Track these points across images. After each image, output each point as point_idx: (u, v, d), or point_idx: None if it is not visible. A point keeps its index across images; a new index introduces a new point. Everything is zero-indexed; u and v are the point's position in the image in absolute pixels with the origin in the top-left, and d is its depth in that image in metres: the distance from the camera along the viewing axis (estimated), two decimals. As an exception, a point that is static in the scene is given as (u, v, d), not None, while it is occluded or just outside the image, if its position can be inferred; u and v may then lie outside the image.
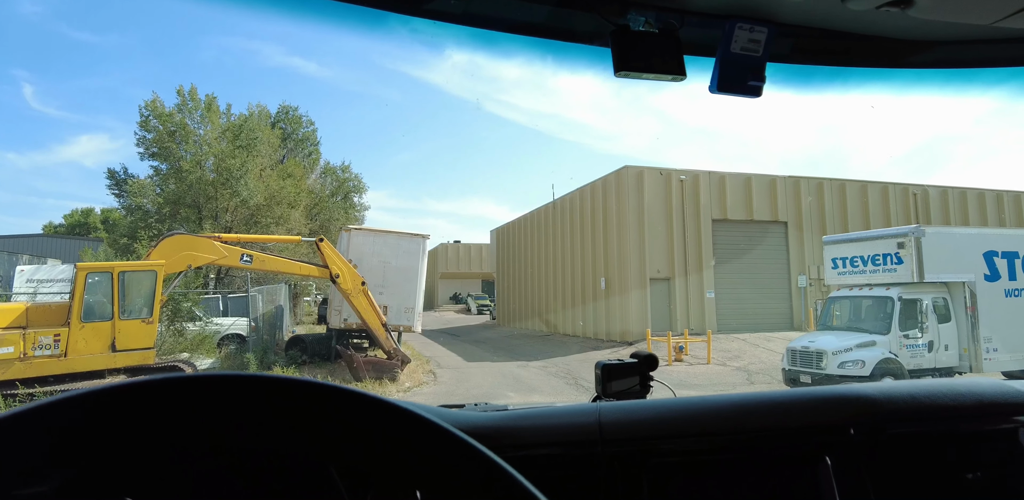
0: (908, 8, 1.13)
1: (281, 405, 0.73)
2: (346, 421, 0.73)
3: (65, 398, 0.68)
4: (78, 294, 11.76)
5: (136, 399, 0.70)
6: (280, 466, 0.74)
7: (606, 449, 1.14)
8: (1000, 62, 1.57)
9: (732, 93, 1.33)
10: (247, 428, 0.72)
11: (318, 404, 0.73)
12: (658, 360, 1.64)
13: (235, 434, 0.72)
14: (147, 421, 0.70)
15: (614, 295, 23.66)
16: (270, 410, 0.72)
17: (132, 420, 0.69)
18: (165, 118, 25.08)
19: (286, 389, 0.74)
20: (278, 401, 0.73)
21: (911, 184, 27.35)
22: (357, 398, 0.74)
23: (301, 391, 0.73)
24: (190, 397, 0.71)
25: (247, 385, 0.74)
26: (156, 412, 0.70)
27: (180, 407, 0.71)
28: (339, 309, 17.20)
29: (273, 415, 0.72)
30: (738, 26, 1.28)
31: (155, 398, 0.71)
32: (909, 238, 12.83)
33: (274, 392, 0.73)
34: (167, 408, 0.70)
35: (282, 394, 0.73)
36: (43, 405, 0.68)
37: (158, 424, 0.70)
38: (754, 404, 1.26)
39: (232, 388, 0.73)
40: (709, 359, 17.97)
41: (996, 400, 1.28)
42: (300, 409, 0.73)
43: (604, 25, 1.26)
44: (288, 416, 0.72)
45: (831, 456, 1.15)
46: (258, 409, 0.72)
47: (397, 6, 1.29)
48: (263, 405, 0.73)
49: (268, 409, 0.73)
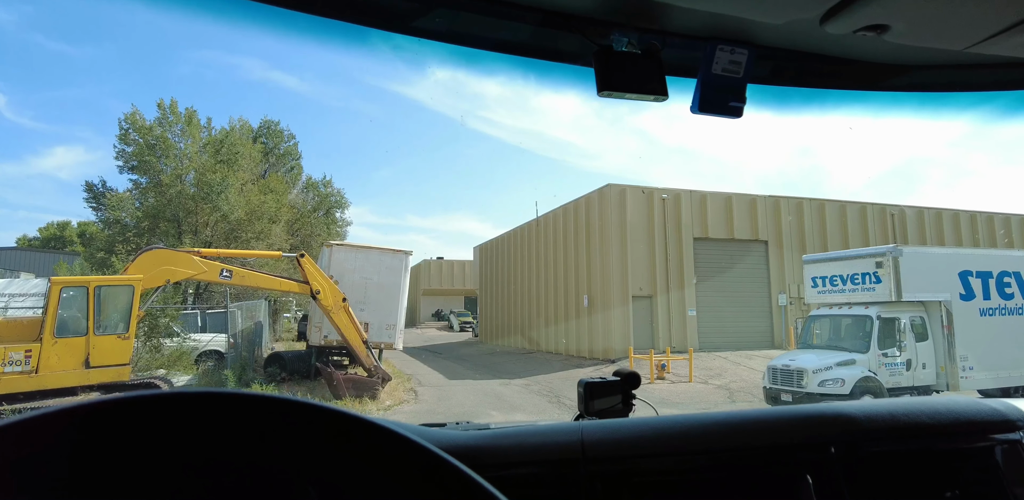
0: (884, 33, 1.16)
1: (260, 422, 0.71)
2: (324, 438, 0.71)
3: (39, 415, 0.66)
4: (51, 309, 11.52)
5: (114, 417, 0.68)
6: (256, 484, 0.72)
7: (588, 468, 1.13)
8: (972, 87, 1.61)
9: (713, 114, 1.35)
10: (224, 445, 0.70)
11: (297, 421, 0.72)
12: (640, 378, 1.64)
13: (213, 451, 0.70)
14: (126, 439, 0.68)
15: (597, 313, 23.68)
16: (249, 428, 0.71)
17: (109, 438, 0.67)
18: (145, 131, 24.92)
19: (264, 406, 0.72)
20: (256, 418, 0.71)
21: (888, 204, 27.83)
22: (336, 416, 0.73)
23: (280, 408, 0.72)
24: (168, 414, 0.70)
25: (225, 402, 0.72)
26: (136, 430, 0.68)
27: (157, 424, 0.69)
28: (319, 326, 17.01)
29: (252, 433, 0.71)
30: (719, 48, 1.30)
31: (134, 415, 0.69)
32: (887, 257, 13.02)
33: (251, 409, 0.72)
34: (146, 425, 0.69)
35: (260, 411, 0.72)
36: (14, 422, 0.66)
37: (138, 442, 0.68)
38: (736, 422, 1.26)
39: (210, 405, 0.71)
40: (691, 377, 17.99)
41: (973, 418, 1.30)
42: (279, 426, 0.71)
43: (587, 45, 1.27)
44: (267, 434, 0.71)
45: (812, 474, 1.15)
46: (236, 426, 0.71)
47: (383, 23, 1.30)
48: (241, 422, 0.71)
49: (246, 426, 0.71)
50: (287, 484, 0.72)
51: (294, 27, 1.32)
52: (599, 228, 24.15)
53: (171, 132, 25.54)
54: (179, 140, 25.64)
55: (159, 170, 24.80)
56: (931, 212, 28.26)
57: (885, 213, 27.43)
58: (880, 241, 24.85)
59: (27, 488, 0.65)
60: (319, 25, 1.29)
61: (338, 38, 1.33)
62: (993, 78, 1.57)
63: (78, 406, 0.68)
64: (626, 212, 23.42)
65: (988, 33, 1.13)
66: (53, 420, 0.67)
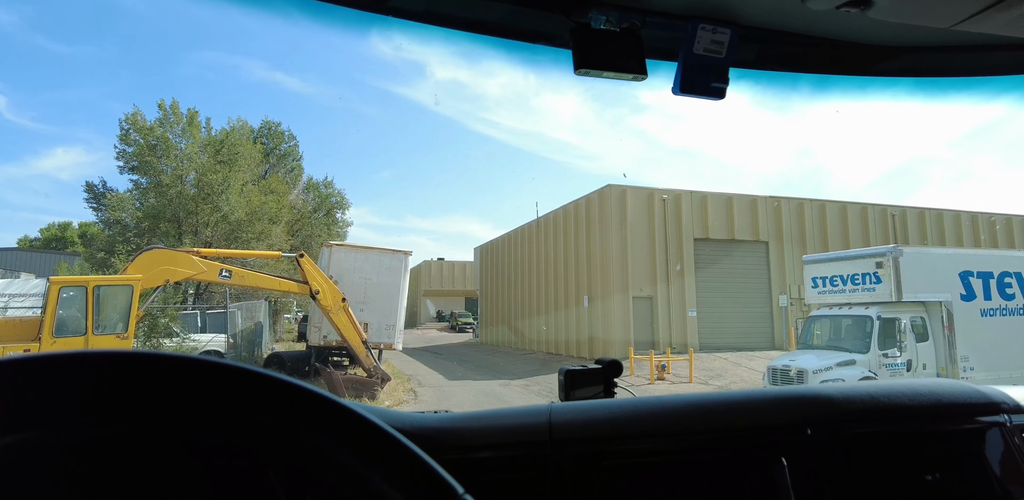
0: (867, 9, 1.13)
1: (203, 386, 0.69)
2: (265, 405, 0.69)
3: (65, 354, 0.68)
4: (50, 308, 11.50)
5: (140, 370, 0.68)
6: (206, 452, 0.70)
7: (556, 450, 1.10)
8: (963, 71, 1.58)
9: (695, 94, 1.32)
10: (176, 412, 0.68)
11: (235, 385, 0.69)
12: (622, 366, 1.62)
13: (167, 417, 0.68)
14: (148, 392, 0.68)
15: (597, 313, 23.66)
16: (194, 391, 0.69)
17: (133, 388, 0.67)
18: (146, 132, 24.95)
19: (205, 370, 0.70)
20: (198, 382, 0.69)
21: (889, 205, 27.80)
22: (273, 382, 0.70)
23: (219, 373, 0.69)
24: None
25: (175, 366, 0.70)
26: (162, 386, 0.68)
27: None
28: (319, 326, 17.00)
29: (198, 397, 0.69)
30: (700, 27, 1.28)
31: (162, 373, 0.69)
32: (887, 258, 12.98)
33: (189, 372, 0.69)
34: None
35: (200, 375, 0.69)
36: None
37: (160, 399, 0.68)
38: (710, 404, 1.23)
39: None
40: (691, 378, 17.94)
41: (955, 401, 1.27)
42: (217, 390, 0.69)
43: (565, 23, 1.25)
44: (211, 399, 0.69)
45: (787, 456, 1.12)
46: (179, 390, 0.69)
47: (357, 2, 1.28)
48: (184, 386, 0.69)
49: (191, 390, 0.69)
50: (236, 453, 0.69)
51: (285, 11, 1.31)
52: (600, 228, 24.13)
53: (172, 133, 25.57)
54: (180, 141, 25.67)
55: (160, 171, 24.82)
56: (932, 213, 28.22)
57: (886, 214, 27.39)
58: (881, 242, 24.79)
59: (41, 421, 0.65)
60: (319, 13, 1.28)
61: (337, 30, 1.33)
62: (986, 62, 1.55)
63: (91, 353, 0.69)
64: (627, 213, 23.41)
65: (973, 10, 1.11)
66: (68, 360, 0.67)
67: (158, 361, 0.69)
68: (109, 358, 0.69)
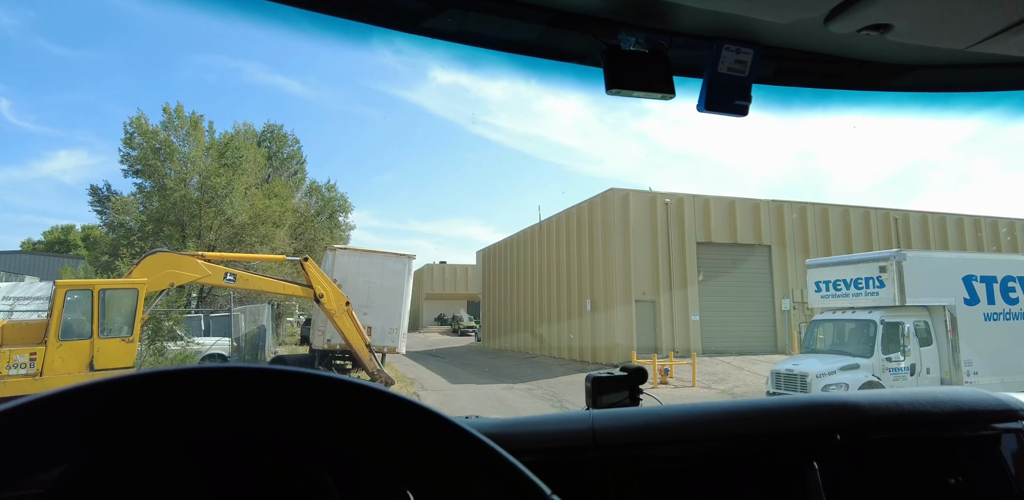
0: (887, 32, 1.18)
1: (289, 397, 0.73)
2: (354, 413, 0.74)
3: (81, 387, 0.67)
4: (56, 312, 11.56)
5: (157, 388, 0.69)
6: (275, 457, 0.74)
7: (599, 455, 1.16)
8: (976, 87, 1.63)
9: (719, 112, 1.37)
10: (249, 419, 0.72)
11: (330, 397, 0.73)
12: (647, 373, 1.66)
13: (234, 424, 0.72)
14: (168, 410, 0.69)
15: (600, 317, 23.67)
16: (280, 402, 0.72)
17: (153, 409, 0.68)
18: (150, 135, 25.01)
19: (290, 380, 0.73)
20: (283, 392, 0.73)
21: (892, 209, 27.82)
22: (358, 389, 0.75)
23: (308, 383, 0.73)
24: (205, 387, 0.71)
25: (253, 377, 0.73)
26: (177, 402, 0.69)
27: (195, 397, 0.70)
28: (322, 329, 17.03)
29: (282, 406, 0.72)
30: (725, 47, 1.32)
31: (176, 388, 0.70)
32: (891, 262, 12.99)
33: (275, 383, 0.73)
34: (186, 398, 0.70)
35: (286, 385, 0.73)
36: (59, 393, 0.66)
37: (176, 414, 0.70)
38: (743, 410, 1.29)
39: (237, 380, 0.72)
40: (694, 382, 17.95)
41: (975, 408, 1.33)
42: (309, 401, 0.73)
43: (594, 45, 1.30)
44: (299, 408, 0.72)
45: (818, 461, 1.17)
46: (264, 401, 0.72)
47: (393, 23, 1.32)
48: (268, 396, 0.72)
49: (277, 400, 0.72)
50: (313, 456, 0.74)
51: (302, 26, 1.32)
52: (602, 232, 24.16)
53: (176, 136, 25.64)
54: (183, 144, 25.73)
55: (163, 174, 24.87)
56: (935, 216, 28.22)
57: (889, 218, 27.40)
58: (884, 245, 24.80)
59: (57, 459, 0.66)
60: (328, 24, 1.30)
61: (345, 37, 1.33)
62: (996, 78, 1.59)
63: (109, 380, 0.69)
64: (629, 216, 23.44)
65: (989, 32, 1.16)
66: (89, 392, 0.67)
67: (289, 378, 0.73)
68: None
